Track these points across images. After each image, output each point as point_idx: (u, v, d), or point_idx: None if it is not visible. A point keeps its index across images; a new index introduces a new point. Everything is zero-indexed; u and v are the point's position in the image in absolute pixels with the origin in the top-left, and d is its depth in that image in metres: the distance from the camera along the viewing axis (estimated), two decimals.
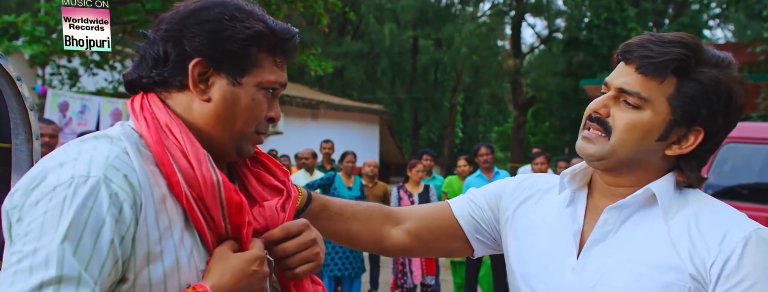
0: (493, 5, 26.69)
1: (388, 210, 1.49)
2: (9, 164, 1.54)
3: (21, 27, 9.39)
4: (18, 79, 1.52)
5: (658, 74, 1.15)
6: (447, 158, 24.52)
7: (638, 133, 1.18)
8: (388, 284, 7.22)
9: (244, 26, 1.10)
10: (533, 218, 1.37)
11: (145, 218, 1.01)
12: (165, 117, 1.10)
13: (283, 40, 1.15)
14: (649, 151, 1.20)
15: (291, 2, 9.61)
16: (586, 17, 20.37)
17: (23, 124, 1.54)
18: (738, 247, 1.12)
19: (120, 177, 1.00)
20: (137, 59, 1.15)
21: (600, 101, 1.22)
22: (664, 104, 1.17)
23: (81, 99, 9.79)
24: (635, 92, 1.17)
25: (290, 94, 16.82)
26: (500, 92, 29.20)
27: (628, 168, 1.23)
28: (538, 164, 6.50)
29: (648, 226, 1.21)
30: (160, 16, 1.16)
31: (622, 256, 1.20)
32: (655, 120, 1.18)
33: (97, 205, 0.96)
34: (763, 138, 5.45)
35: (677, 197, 1.22)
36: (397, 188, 6.89)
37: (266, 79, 1.13)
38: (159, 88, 1.13)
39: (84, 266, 0.92)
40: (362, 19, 25.49)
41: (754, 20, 18.30)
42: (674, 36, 1.18)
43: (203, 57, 1.09)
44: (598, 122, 1.21)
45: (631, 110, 1.18)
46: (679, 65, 1.15)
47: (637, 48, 1.18)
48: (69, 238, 0.92)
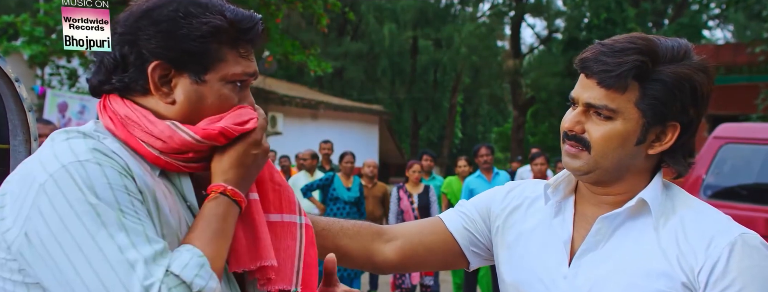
0: (493, 5, 26.69)
1: (377, 227, 1.48)
2: (7, 165, 1.54)
3: (20, 27, 9.39)
4: (16, 80, 1.51)
5: (619, 86, 1.17)
6: (447, 159, 24.52)
7: (616, 142, 1.20)
8: (388, 284, 7.22)
9: (200, 22, 1.06)
10: (523, 227, 1.37)
11: (147, 197, 1.01)
12: (123, 109, 1.07)
13: (245, 30, 1.10)
14: (631, 156, 1.22)
15: (290, 2, 9.61)
16: (586, 18, 20.35)
17: (21, 125, 1.54)
18: (724, 253, 1.13)
19: (108, 160, 0.99)
20: (95, 65, 1.12)
21: (572, 119, 1.23)
22: (634, 110, 1.18)
23: (80, 99, 9.79)
24: (603, 105, 1.19)
25: (290, 95, 16.83)
26: (500, 93, 29.20)
27: (616, 176, 1.24)
28: (538, 164, 6.49)
29: (637, 234, 1.22)
30: (115, 17, 1.12)
31: (614, 265, 1.21)
32: (629, 127, 1.19)
33: (111, 177, 0.96)
34: (762, 139, 5.45)
35: (665, 202, 1.23)
36: (396, 189, 6.89)
37: (231, 72, 1.09)
38: (123, 94, 1.10)
39: (143, 227, 0.95)
40: (362, 20, 25.48)
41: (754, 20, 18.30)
42: (625, 42, 1.19)
43: (162, 59, 1.05)
44: (575, 139, 1.23)
45: (603, 122, 1.20)
46: (637, 72, 1.16)
47: (593, 63, 1.19)
48: (111, 208, 0.93)
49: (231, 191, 1.06)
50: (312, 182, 6.85)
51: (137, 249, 0.92)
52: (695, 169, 5.56)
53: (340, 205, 6.63)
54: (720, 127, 5.78)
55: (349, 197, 6.65)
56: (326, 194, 6.73)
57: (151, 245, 0.94)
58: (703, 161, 5.45)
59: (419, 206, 6.80)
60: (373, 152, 19.16)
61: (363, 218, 6.81)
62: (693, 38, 19.26)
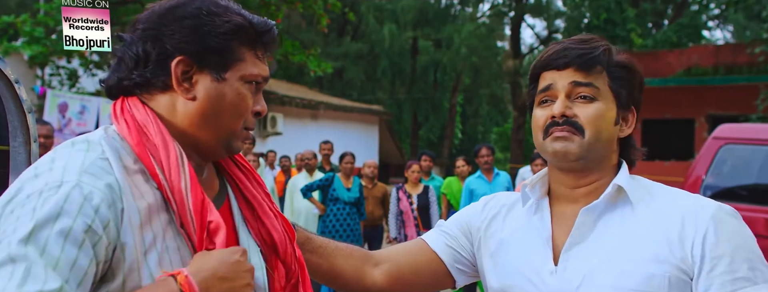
0: (493, 6, 26.68)
1: (365, 252, 1.51)
2: (7, 167, 1.54)
3: (20, 28, 9.40)
4: (16, 81, 1.51)
5: (597, 67, 1.26)
6: (446, 159, 24.51)
7: (604, 121, 1.26)
8: None
9: (222, 20, 1.09)
10: (503, 233, 1.40)
11: (129, 224, 0.99)
12: (142, 117, 1.08)
13: (263, 33, 1.14)
14: (612, 138, 1.29)
15: (290, 3, 9.62)
16: (586, 18, 20.35)
17: (21, 127, 1.54)
18: (710, 225, 1.18)
19: (96, 183, 0.97)
20: (115, 62, 1.13)
21: (560, 104, 1.26)
22: (609, 92, 1.27)
23: (80, 100, 9.79)
24: (589, 82, 1.26)
25: (290, 95, 16.83)
26: (500, 93, 29.18)
27: (598, 162, 1.29)
28: (538, 165, 6.48)
29: (619, 221, 1.26)
30: (135, 16, 1.14)
31: (603, 255, 1.24)
32: (609, 107, 1.27)
33: (68, 204, 0.93)
34: (762, 139, 5.45)
35: (637, 188, 1.28)
36: (396, 189, 6.89)
37: (249, 72, 1.12)
38: (141, 90, 1.11)
39: (53, 263, 0.89)
40: (362, 20, 25.49)
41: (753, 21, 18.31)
42: (584, 37, 1.30)
43: (185, 54, 1.07)
44: (570, 124, 1.26)
45: (589, 103, 1.26)
46: (606, 56, 1.27)
47: (565, 53, 1.27)
48: (33, 240, 0.89)
49: (182, 279, 0.98)
50: (312, 183, 6.85)
51: (25, 283, 0.87)
52: (695, 169, 5.56)
53: (339, 205, 6.63)
54: (720, 127, 5.78)
55: (349, 198, 6.65)
56: (326, 195, 6.73)
57: (44, 283, 0.88)
58: (703, 162, 5.46)
59: (418, 206, 6.80)
60: (373, 153, 19.15)
61: (363, 218, 6.82)
62: (693, 38, 19.25)
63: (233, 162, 1.25)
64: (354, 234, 6.66)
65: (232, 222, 1.19)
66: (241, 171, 1.25)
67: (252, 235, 1.21)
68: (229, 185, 1.24)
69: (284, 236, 1.23)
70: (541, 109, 1.30)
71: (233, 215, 1.20)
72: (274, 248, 1.22)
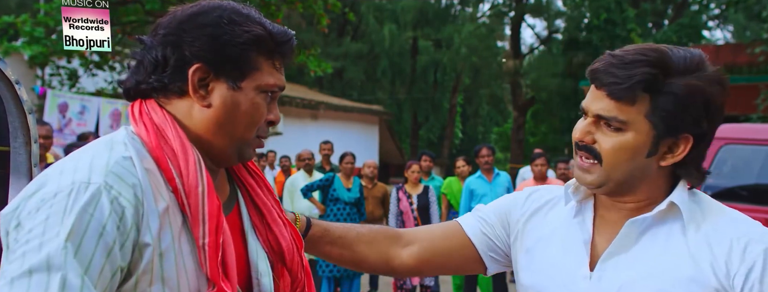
0: (493, 6, 26.67)
1: (394, 232, 1.48)
2: (8, 167, 1.53)
3: (20, 28, 9.40)
4: (16, 82, 1.51)
5: (628, 98, 1.15)
6: (446, 159, 24.50)
7: (627, 154, 1.19)
8: (388, 284, 7.22)
9: (242, 30, 1.09)
10: (542, 230, 1.36)
11: (147, 229, 1.00)
12: (161, 120, 1.09)
13: (281, 43, 1.14)
14: (642, 168, 1.21)
15: (290, 3, 9.62)
16: (586, 18, 20.35)
17: (21, 128, 1.54)
18: (759, 259, 1.12)
19: (121, 184, 0.99)
20: (134, 65, 1.14)
21: (583, 129, 1.22)
22: (644, 122, 1.17)
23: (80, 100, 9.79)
24: (612, 117, 1.17)
25: (290, 95, 16.83)
26: (500, 93, 29.18)
27: (629, 187, 1.23)
28: (538, 165, 6.48)
29: (665, 239, 1.20)
30: (157, 20, 1.15)
31: (641, 270, 1.19)
32: (639, 139, 1.18)
33: (98, 211, 0.95)
34: (762, 139, 5.45)
35: (693, 207, 1.22)
36: (396, 189, 6.88)
37: (266, 82, 1.12)
38: (158, 94, 1.12)
39: (85, 269, 0.91)
40: (362, 20, 25.49)
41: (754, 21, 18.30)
42: (636, 53, 1.17)
43: (203, 62, 1.08)
44: (586, 150, 1.22)
45: (614, 134, 1.19)
46: (647, 85, 1.14)
47: (603, 74, 1.17)
48: (71, 241, 0.91)
49: None
50: (312, 183, 6.84)
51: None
52: None
53: (340, 205, 6.63)
54: (720, 127, 5.76)
55: (349, 198, 6.65)
56: (326, 195, 6.72)
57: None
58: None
59: (418, 206, 6.80)
60: (373, 153, 19.15)
61: (363, 218, 6.81)
62: (693, 39, 19.25)
63: (245, 168, 1.26)
64: None
65: (241, 228, 1.20)
66: (253, 177, 1.25)
67: (260, 241, 1.22)
68: (240, 191, 1.24)
69: (292, 244, 1.23)
70: (580, 120, 1.25)
71: (242, 221, 1.21)
72: (281, 255, 1.22)
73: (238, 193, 1.24)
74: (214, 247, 1.05)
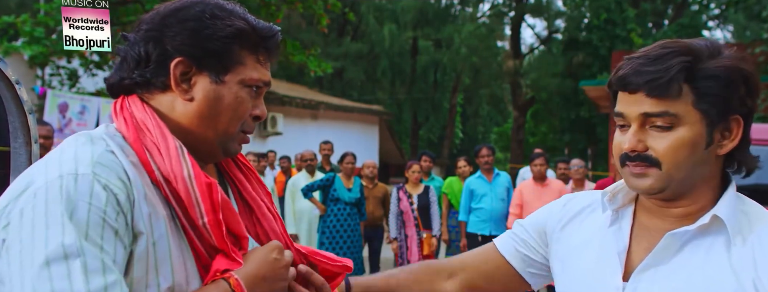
0: (493, 6, 26.68)
1: (437, 265, 1.47)
2: (8, 167, 1.54)
3: (20, 28, 9.39)
4: (17, 82, 1.51)
5: (672, 91, 1.10)
6: (447, 159, 24.51)
7: (686, 150, 1.12)
8: None
9: (225, 24, 1.10)
10: (577, 238, 1.32)
11: (140, 216, 1.00)
12: (141, 114, 1.09)
13: (265, 38, 1.14)
14: (703, 162, 1.15)
15: (290, 3, 9.61)
16: (586, 18, 20.36)
17: (22, 128, 1.54)
18: None
19: (109, 173, 0.99)
20: (118, 61, 1.15)
21: (632, 138, 1.14)
22: (693, 113, 1.12)
23: (81, 100, 9.79)
24: (662, 112, 1.11)
25: (290, 95, 16.82)
26: (500, 93, 29.18)
27: (689, 188, 1.17)
28: (537, 165, 6.48)
29: (707, 252, 1.14)
30: (140, 17, 1.15)
31: (678, 284, 1.14)
32: (695, 131, 1.12)
33: (95, 198, 0.95)
34: (763, 139, 5.44)
35: (740, 218, 1.16)
36: (396, 189, 6.89)
37: (249, 76, 1.13)
38: (141, 89, 1.12)
39: (99, 251, 0.92)
40: (362, 20, 25.48)
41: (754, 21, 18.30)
42: (660, 48, 1.14)
43: (185, 56, 1.08)
44: (641, 159, 1.15)
45: (666, 133, 1.13)
46: (686, 74, 1.10)
47: (635, 76, 1.12)
48: (78, 229, 0.92)
49: (234, 282, 1.05)
50: (312, 183, 6.85)
51: (88, 280, 0.90)
52: None
53: (340, 206, 6.63)
54: None
55: (349, 198, 6.65)
56: (327, 195, 6.72)
57: (105, 277, 0.91)
58: None
59: (419, 206, 6.80)
60: (374, 153, 19.15)
61: (363, 218, 6.82)
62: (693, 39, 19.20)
63: (235, 162, 1.26)
64: (354, 234, 6.66)
65: None
66: (242, 171, 1.25)
67: (250, 236, 1.22)
68: (229, 186, 1.24)
69: (282, 238, 1.23)
70: (619, 133, 1.18)
71: None
72: None
73: (228, 188, 1.24)
74: (215, 223, 1.06)
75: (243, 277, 1.05)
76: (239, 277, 1.05)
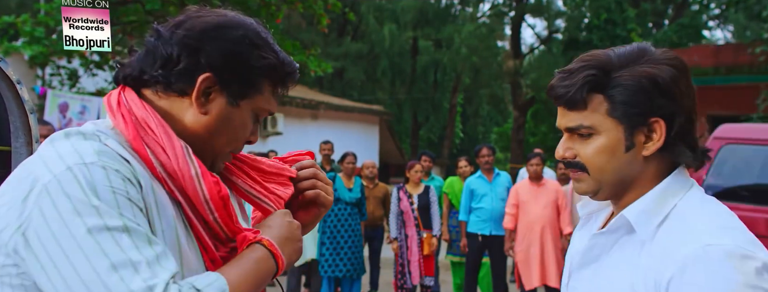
0: (493, 6, 26.65)
1: None
2: (9, 167, 1.54)
3: (21, 28, 9.38)
4: (18, 82, 1.52)
5: (580, 104, 1.20)
6: (447, 159, 24.50)
7: (606, 155, 1.21)
8: (389, 284, 7.22)
9: (260, 55, 1.13)
10: (574, 245, 1.43)
11: (150, 204, 1.02)
12: (141, 112, 1.09)
13: (289, 74, 1.19)
14: (627, 163, 1.22)
15: (291, 3, 9.61)
16: (586, 18, 20.34)
17: (23, 128, 1.54)
18: (678, 265, 1.08)
19: (115, 162, 1.00)
20: (143, 53, 1.14)
21: (561, 147, 1.26)
22: (608, 121, 1.20)
23: (81, 100, 9.79)
24: (578, 126, 1.22)
25: (290, 95, 16.79)
26: (500, 93, 29.16)
27: (623, 187, 1.24)
28: (533, 165, 6.48)
29: (630, 248, 1.21)
30: (176, 18, 1.15)
31: (601, 281, 1.24)
32: (612, 136, 1.20)
33: (115, 182, 0.97)
34: (763, 139, 5.45)
35: (658, 212, 1.19)
36: (397, 189, 6.89)
37: (262, 106, 1.17)
38: (156, 87, 1.12)
39: (138, 224, 0.97)
40: (362, 20, 25.47)
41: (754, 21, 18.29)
42: (577, 63, 1.23)
43: (214, 73, 1.10)
44: (571, 165, 1.26)
45: (587, 141, 1.22)
46: (591, 86, 1.19)
47: (552, 91, 1.24)
48: (112, 211, 0.94)
49: (267, 242, 1.12)
50: None
51: (140, 250, 0.93)
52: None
53: (341, 206, 6.64)
54: (720, 127, 5.78)
55: (350, 198, 6.65)
56: None
57: (153, 247, 0.95)
58: None
59: (419, 206, 6.81)
60: (374, 153, 19.14)
61: (364, 218, 6.82)
62: (693, 39, 19.24)
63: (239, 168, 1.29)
64: (355, 234, 6.66)
65: None
66: (234, 163, 1.26)
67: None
68: None
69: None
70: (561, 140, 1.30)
71: None
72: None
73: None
74: (225, 217, 1.10)
75: (273, 238, 1.13)
76: (272, 238, 1.12)
